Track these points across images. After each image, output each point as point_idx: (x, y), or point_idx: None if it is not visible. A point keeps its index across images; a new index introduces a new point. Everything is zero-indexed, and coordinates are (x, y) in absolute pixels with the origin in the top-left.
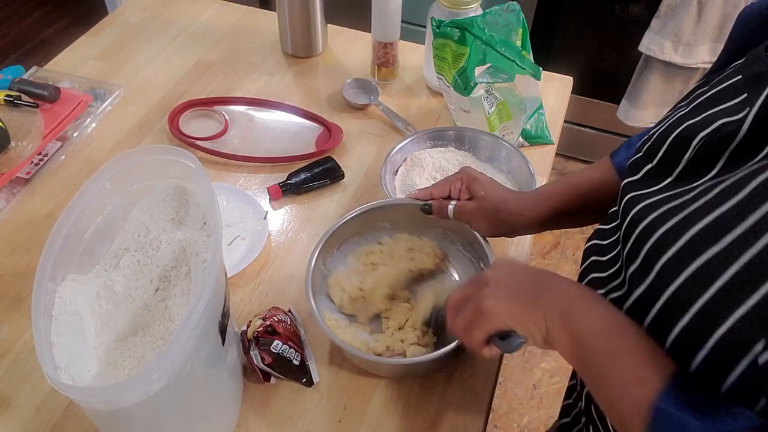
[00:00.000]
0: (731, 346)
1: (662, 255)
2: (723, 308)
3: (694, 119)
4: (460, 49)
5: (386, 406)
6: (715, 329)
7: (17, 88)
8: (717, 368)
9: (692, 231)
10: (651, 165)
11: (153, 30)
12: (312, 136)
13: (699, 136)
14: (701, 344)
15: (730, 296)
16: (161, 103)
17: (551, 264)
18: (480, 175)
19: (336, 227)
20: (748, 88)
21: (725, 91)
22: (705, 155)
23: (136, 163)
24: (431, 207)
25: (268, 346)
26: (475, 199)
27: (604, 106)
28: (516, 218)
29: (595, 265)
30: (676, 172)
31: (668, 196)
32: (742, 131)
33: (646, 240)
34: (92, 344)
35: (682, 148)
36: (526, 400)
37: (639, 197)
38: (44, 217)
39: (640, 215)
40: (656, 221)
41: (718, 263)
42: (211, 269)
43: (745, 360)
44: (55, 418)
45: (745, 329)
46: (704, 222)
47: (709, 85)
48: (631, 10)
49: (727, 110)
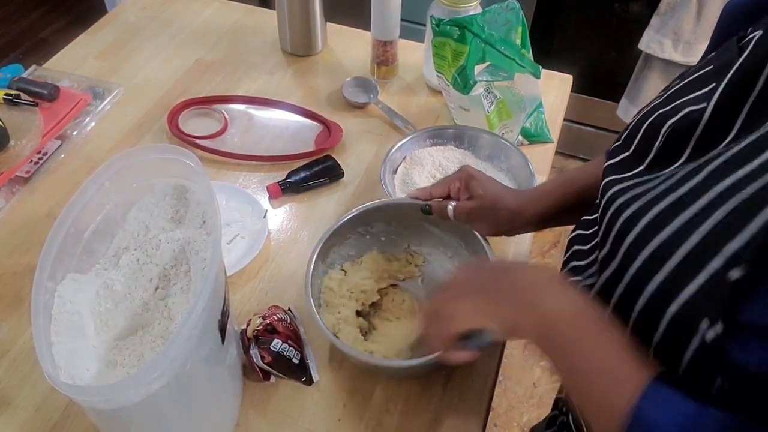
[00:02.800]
0: (682, 324)
1: (626, 237)
2: (673, 287)
3: (665, 108)
4: (459, 47)
5: (386, 405)
6: (667, 308)
7: (16, 87)
8: (672, 347)
9: (652, 213)
10: (627, 154)
11: (152, 29)
12: (311, 134)
13: (667, 124)
14: (657, 324)
15: (681, 275)
16: (161, 102)
17: (551, 262)
18: (478, 174)
19: (335, 227)
20: (717, 77)
21: (696, 81)
22: (673, 143)
23: (135, 162)
24: (431, 208)
25: (267, 345)
26: (473, 198)
27: (604, 105)
28: (515, 216)
29: (577, 254)
30: (647, 161)
31: (636, 183)
32: (704, 118)
33: (614, 224)
34: (92, 343)
35: (653, 137)
36: (525, 398)
37: (614, 181)
38: (44, 216)
39: (612, 199)
40: (623, 206)
41: (671, 243)
42: (211, 268)
43: (696, 338)
44: (55, 418)
45: (693, 308)
46: (663, 204)
47: (685, 76)
48: (630, 9)
49: (694, 99)
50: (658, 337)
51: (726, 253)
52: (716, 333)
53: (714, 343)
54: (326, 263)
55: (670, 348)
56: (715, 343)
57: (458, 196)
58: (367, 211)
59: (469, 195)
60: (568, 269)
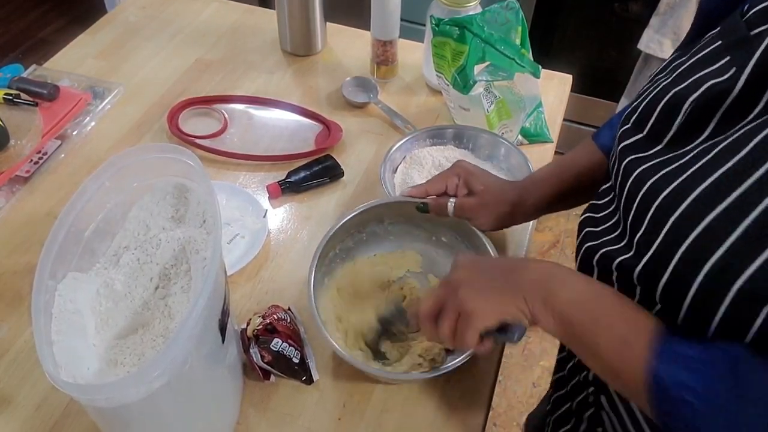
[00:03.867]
0: (750, 299)
1: (669, 217)
2: (738, 262)
3: (681, 85)
4: (459, 47)
5: (386, 404)
6: (732, 284)
7: (16, 87)
8: (738, 323)
9: (697, 191)
10: (641, 135)
11: (152, 28)
12: (311, 134)
13: (689, 101)
14: (720, 301)
15: (746, 248)
16: (160, 101)
17: None
18: (475, 168)
19: (333, 231)
20: (729, 51)
21: (707, 57)
22: (696, 119)
23: (135, 161)
24: (427, 206)
25: (267, 344)
26: (474, 194)
27: (604, 104)
28: (516, 208)
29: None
30: (666, 139)
31: (663, 161)
32: (735, 90)
33: (650, 204)
34: (92, 342)
35: (673, 115)
36: (525, 398)
37: (638, 160)
38: (44, 215)
39: (641, 179)
40: (657, 184)
41: (727, 219)
42: (211, 267)
43: (765, 310)
44: (56, 416)
45: (763, 280)
46: (708, 181)
47: (687, 55)
48: (630, 8)
49: (713, 73)
50: (720, 314)
51: None
52: None
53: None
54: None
55: (735, 324)
56: None
57: (457, 192)
58: (364, 211)
59: (469, 191)
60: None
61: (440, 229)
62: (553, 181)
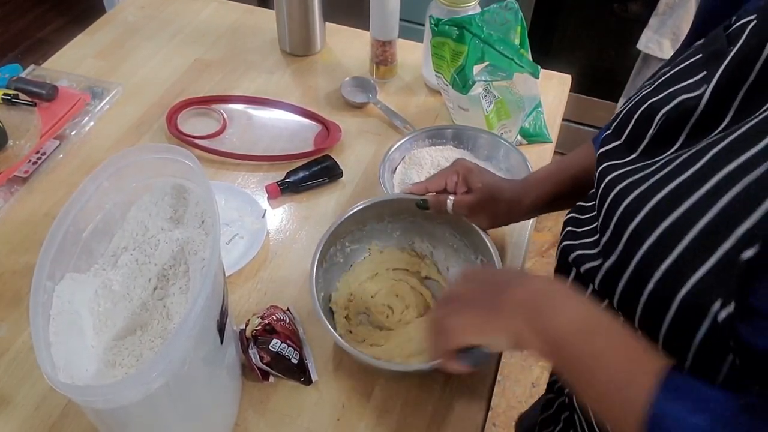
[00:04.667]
0: (693, 307)
1: (629, 224)
2: (684, 271)
3: (656, 97)
4: (458, 47)
5: (385, 404)
6: (677, 292)
7: (15, 87)
8: (682, 330)
9: (655, 199)
10: (619, 142)
11: (151, 28)
12: (310, 134)
13: (660, 113)
14: (667, 307)
15: (690, 259)
16: (159, 101)
17: (549, 262)
18: (474, 166)
19: (333, 228)
20: (707, 66)
21: (686, 70)
22: (667, 131)
23: (134, 161)
24: (427, 203)
25: (266, 345)
26: (472, 191)
27: (603, 104)
28: (513, 206)
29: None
30: (640, 148)
31: (633, 169)
32: (700, 106)
33: (616, 210)
34: (90, 343)
35: (646, 125)
36: (525, 398)
37: (610, 168)
38: (42, 215)
39: (610, 186)
40: (623, 192)
41: (678, 228)
42: (210, 268)
43: (707, 320)
44: (54, 417)
45: (704, 290)
46: (666, 190)
47: (671, 65)
48: (629, 9)
49: (687, 87)
50: (668, 321)
51: (738, 233)
52: (728, 313)
53: (725, 323)
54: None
55: (681, 331)
56: (726, 323)
57: (456, 189)
58: (364, 208)
59: (468, 188)
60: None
61: (439, 227)
62: (550, 181)
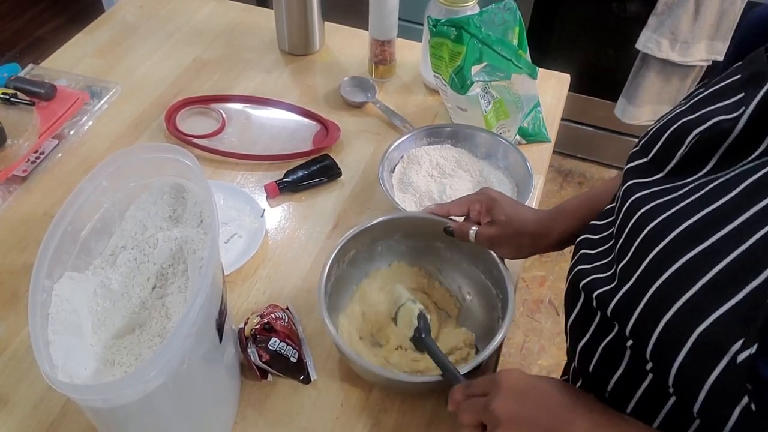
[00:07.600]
0: (710, 344)
1: (651, 251)
2: (704, 306)
3: (690, 116)
4: (456, 47)
5: (384, 403)
6: (696, 326)
7: (13, 86)
8: (697, 368)
9: (681, 227)
10: (645, 160)
11: (149, 28)
12: (309, 133)
13: (693, 133)
14: (682, 342)
15: (713, 294)
16: (158, 101)
17: (549, 261)
18: (500, 196)
19: (349, 237)
20: (745, 87)
21: (723, 90)
22: (698, 152)
23: (132, 160)
24: (453, 231)
25: (265, 344)
26: (495, 223)
27: (602, 104)
28: (538, 240)
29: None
30: (667, 168)
31: (660, 191)
32: (737, 129)
33: (638, 233)
34: (89, 342)
35: (676, 145)
36: None
37: (635, 186)
38: (41, 215)
39: (635, 206)
40: (648, 214)
41: (703, 261)
42: (208, 267)
43: (724, 360)
44: (52, 416)
45: (725, 328)
46: (693, 219)
47: (709, 85)
48: (628, 8)
49: (723, 108)
50: (681, 356)
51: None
52: (749, 354)
53: (745, 364)
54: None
55: (694, 368)
56: (745, 365)
57: (479, 219)
58: (383, 222)
59: (491, 219)
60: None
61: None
62: (581, 212)
